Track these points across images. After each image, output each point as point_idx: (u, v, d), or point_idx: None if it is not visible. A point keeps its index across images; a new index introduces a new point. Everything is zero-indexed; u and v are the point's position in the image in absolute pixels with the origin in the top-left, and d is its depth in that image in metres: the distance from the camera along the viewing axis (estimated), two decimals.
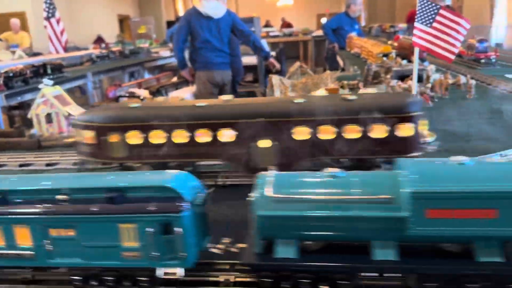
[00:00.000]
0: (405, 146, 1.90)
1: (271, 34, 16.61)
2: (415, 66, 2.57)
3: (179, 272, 1.27)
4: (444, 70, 4.81)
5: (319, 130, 1.86)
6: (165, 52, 10.66)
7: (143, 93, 6.54)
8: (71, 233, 1.29)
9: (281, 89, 3.51)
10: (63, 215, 1.29)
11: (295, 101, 1.97)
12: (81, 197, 1.29)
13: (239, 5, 25.25)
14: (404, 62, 4.29)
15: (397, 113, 1.86)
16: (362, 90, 3.12)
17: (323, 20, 19.16)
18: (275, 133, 1.91)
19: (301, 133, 1.87)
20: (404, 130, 1.86)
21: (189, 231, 1.24)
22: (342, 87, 4.44)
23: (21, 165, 2.69)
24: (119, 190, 1.26)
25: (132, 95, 6.22)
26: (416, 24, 2.43)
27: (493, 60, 5.14)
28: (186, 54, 6.26)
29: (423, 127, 2.01)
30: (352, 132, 1.87)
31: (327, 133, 1.87)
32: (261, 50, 6.34)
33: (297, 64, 4.16)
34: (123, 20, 20.69)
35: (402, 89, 2.98)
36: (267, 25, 18.25)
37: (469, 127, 2.77)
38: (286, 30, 16.88)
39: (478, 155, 2.21)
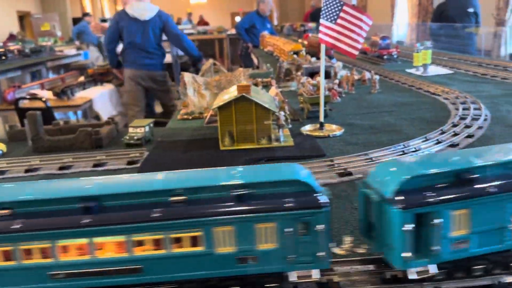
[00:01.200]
0: None
1: (185, 32, 16.35)
2: (322, 63, 2.62)
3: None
4: (351, 67, 5.04)
5: None
6: (70, 51, 10.01)
7: (46, 94, 6.07)
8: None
9: (194, 87, 3.41)
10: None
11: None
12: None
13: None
14: (313, 59, 4.41)
15: None
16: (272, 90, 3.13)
17: (237, 19, 19.30)
18: None
19: None
20: None
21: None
22: (256, 84, 4.46)
23: None
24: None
25: (34, 97, 5.72)
26: (321, 20, 2.48)
27: (395, 56, 5.49)
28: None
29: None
30: None
31: None
32: (193, 53, 6.69)
33: (210, 61, 4.08)
34: (24, 17, 19.16)
35: (311, 85, 3.04)
36: (178, 22, 17.91)
37: (374, 120, 2.90)
38: (201, 28, 16.73)
39: (383, 147, 2.31)
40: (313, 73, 4.33)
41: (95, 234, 1.04)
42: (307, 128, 2.78)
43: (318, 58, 4.73)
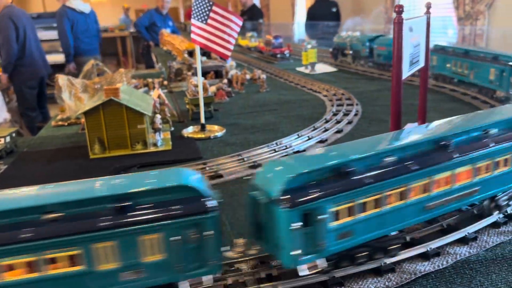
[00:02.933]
0: None
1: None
2: (198, 64, 2.59)
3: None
4: (246, 66, 5.09)
5: None
6: None
7: None
8: None
9: (70, 90, 3.19)
10: None
11: None
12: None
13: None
14: (204, 58, 4.37)
15: None
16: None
17: None
18: None
19: None
20: None
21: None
22: (147, 85, 4.31)
23: None
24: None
25: None
26: (192, 21, 2.44)
27: (287, 55, 5.65)
28: None
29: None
30: None
31: None
32: None
33: (92, 61, 3.84)
34: None
35: (194, 86, 2.99)
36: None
37: (257, 119, 2.94)
38: (101, 26, 15.92)
39: (259, 145, 2.34)
40: (204, 73, 4.29)
41: (456, 166, 1.18)
42: (189, 130, 2.73)
43: (210, 57, 4.71)
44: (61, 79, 3.16)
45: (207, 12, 2.41)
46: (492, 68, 2.84)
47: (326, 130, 2.50)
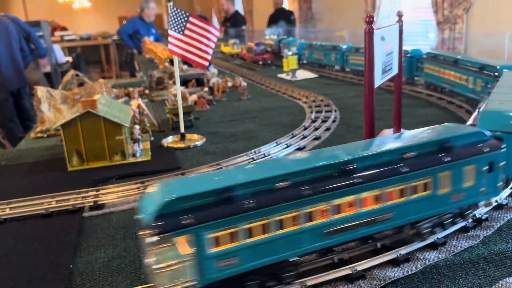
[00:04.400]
0: None
1: (66, 38, 15.38)
2: (176, 74, 2.61)
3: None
4: (228, 73, 5.12)
5: None
6: None
7: None
8: None
9: (50, 101, 3.17)
10: None
11: None
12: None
13: (27, 7, 22.61)
14: (185, 67, 4.38)
15: None
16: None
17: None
18: None
19: None
20: None
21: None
22: (128, 94, 4.31)
23: None
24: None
25: None
26: (170, 32, 2.45)
27: (269, 62, 5.69)
28: None
29: None
30: None
31: None
32: None
33: (72, 72, 3.82)
34: None
35: (173, 95, 3.00)
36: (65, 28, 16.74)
37: (237, 127, 2.96)
38: (84, 34, 15.83)
39: (238, 154, 2.36)
40: (186, 81, 4.31)
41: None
42: (168, 140, 2.74)
43: (191, 66, 4.72)
44: (40, 90, 3.14)
45: (184, 23, 2.43)
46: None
47: (304, 137, 2.54)
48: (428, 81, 3.56)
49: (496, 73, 2.59)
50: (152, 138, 2.78)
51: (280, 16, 9.72)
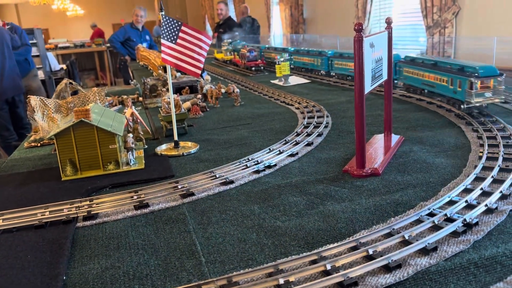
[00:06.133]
0: None
1: (60, 45, 15.39)
2: (169, 82, 2.62)
3: None
4: (222, 79, 5.13)
5: None
6: None
7: None
8: None
9: (43, 110, 3.17)
10: None
11: None
12: None
13: (21, 15, 22.56)
14: (179, 74, 4.39)
15: None
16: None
17: None
18: None
19: None
20: None
21: None
22: (123, 102, 4.31)
23: None
24: None
25: None
26: (162, 41, 2.47)
27: (262, 68, 5.72)
28: None
29: None
30: None
31: None
32: None
33: (65, 80, 3.82)
34: None
35: (166, 103, 3.01)
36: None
37: (230, 134, 2.97)
38: (77, 41, 15.82)
39: (231, 161, 2.37)
40: (180, 88, 4.32)
41: None
42: (162, 148, 2.75)
43: (185, 73, 4.74)
44: (33, 99, 3.14)
45: (176, 32, 2.45)
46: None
47: (297, 143, 2.55)
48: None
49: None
50: (146, 146, 2.78)
51: (244, 24, 11.03)
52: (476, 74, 2.71)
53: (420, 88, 3.51)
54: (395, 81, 3.86)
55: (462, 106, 2.90)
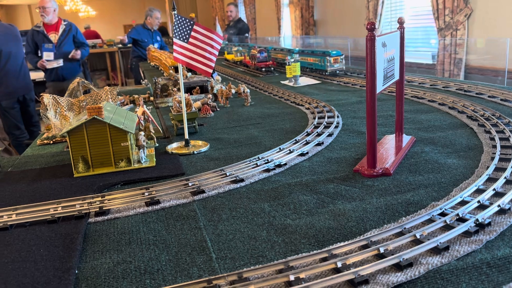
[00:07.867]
0: None
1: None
2: (181, 81, 2.63)
3: None
4: (232, 80, 5.14)
5: None
6: None
7: None
8: None
9: (56, 108, 3.21)
10: None
11: None
12: None
13: (34, 16, 22.83)
14: (189, 74, 4.42)
15: None
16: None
17: None
18: None
19: None
20: None
21: None
22: (134, 101, 4.34)
23: None
24: None
25: None
26: (174, 40, 2.49)
27: (272, 69, 5.72)
28: None
29: None
30: None
31: None
32: None
33: (77, 79, 3.86)
34: None
35: (177, 102, 3.03)
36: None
37: (240, 133, 2.98)
38: (89, 42, 15.96)
39: (242, 160, 2.38)
40: (190, 88, 4.34)
41: None
42: (173, 146, 2.76)
43: (196, 73, 4.76)
44: (46, 97, 3.17)
45: (188, 31, 2.46)
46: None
47: (307, 143, 2.55)
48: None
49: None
50: (157, 145, 2.80)
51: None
52: (330, 55, 4.93)
53: (305, 67, 5.41)
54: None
55: (325, 73, 5.04)
